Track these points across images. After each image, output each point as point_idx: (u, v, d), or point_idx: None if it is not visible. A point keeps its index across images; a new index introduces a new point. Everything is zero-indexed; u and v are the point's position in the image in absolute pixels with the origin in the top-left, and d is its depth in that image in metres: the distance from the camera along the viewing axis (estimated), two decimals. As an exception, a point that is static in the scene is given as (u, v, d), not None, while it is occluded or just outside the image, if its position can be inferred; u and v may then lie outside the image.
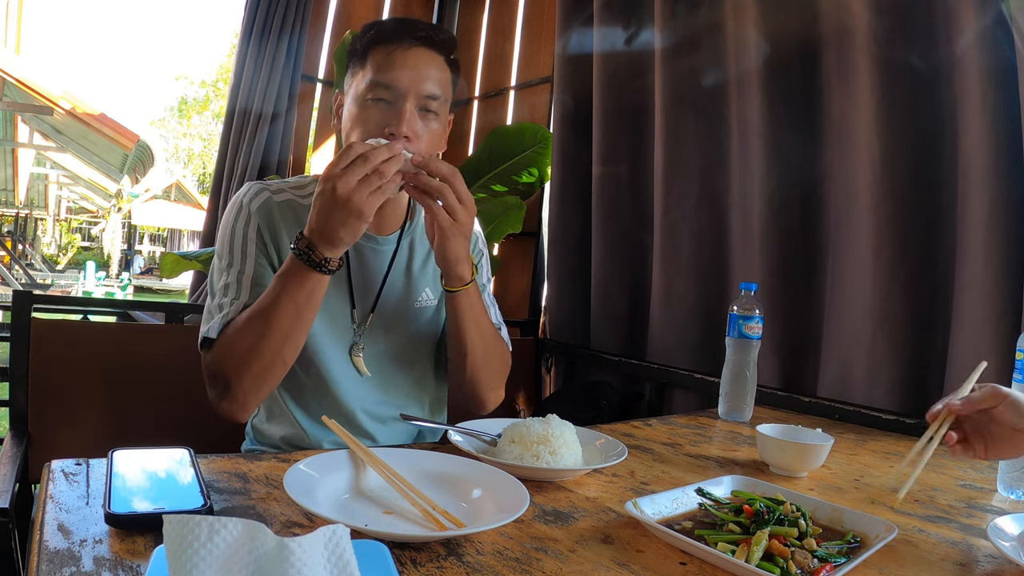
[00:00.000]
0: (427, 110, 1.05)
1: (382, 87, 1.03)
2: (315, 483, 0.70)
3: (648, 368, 1.96)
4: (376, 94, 1.04)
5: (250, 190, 1.12)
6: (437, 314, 1.22)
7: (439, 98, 1.06)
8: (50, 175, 16.29)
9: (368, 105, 1.04)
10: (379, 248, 1.16)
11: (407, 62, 1.04)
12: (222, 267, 1.08)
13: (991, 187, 1.29)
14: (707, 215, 1.85)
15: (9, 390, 1.39)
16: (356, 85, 1.07)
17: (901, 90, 1.44)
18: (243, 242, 1.08)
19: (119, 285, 14.36)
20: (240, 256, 1.07)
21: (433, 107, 1.06)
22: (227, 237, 1.09)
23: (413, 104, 1.04)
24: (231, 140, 2.77)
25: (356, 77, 1.08)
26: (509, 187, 2.61)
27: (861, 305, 1.50)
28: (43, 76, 7.10)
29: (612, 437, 0.99)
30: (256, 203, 1.10)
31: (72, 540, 0.56)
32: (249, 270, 1.06)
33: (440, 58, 1.08)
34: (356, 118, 1.05)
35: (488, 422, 1.01)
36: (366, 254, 1.15)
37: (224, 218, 1.12)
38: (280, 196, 1.12)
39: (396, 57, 1.04)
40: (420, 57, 1.05)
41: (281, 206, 1.11)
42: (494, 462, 0.82)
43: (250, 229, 1.08)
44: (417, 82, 1.03)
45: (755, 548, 0.63)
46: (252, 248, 1.07)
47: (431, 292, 1.21)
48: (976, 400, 0.81)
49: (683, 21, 1.89)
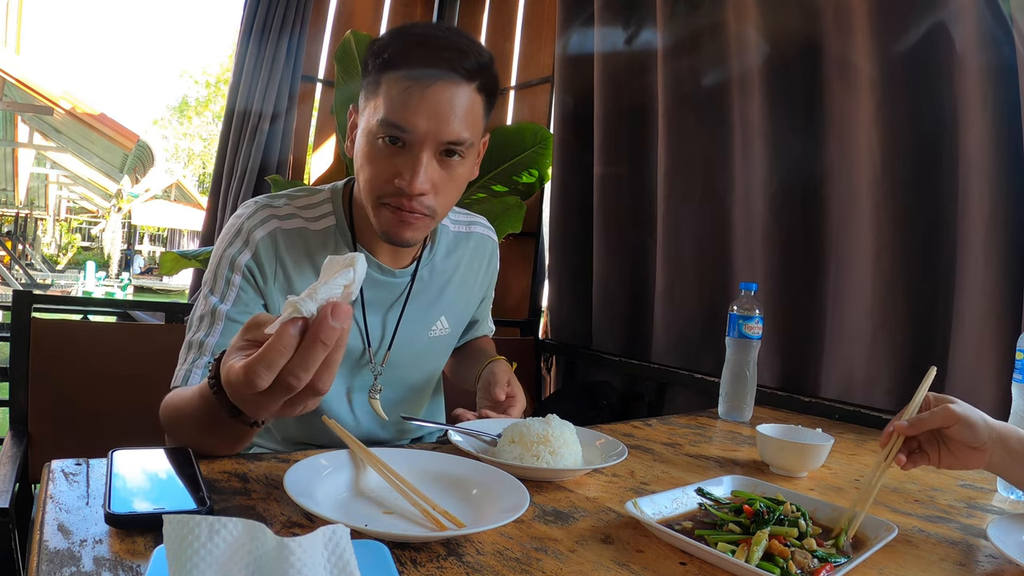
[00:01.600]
0: (450, 154, 0.92)
1: (396, 128, 0.89)
2: (315, 483, 0.70)
3: (648, 368, 1.96)
4: (390, 133, 0.89)
5: (255, 214, 1.00)
6: (450, 340, 1.18)
7: (465, 142, 0.91)
8: (50, 175, 16.29)
9: (380, 145, 0.91)
10: (395, 281, 1.07)
11: (425, 100, 0.88)
12: (205, 291, 0.99)
13: (991, 187, 1.29)
14: (709, 215, 1.85)
15: (9, 390, 1.39)
16: (368, 115, 0.93)
17: (902, 90, 1.44)
18: (229, 271, 0.97)
19: (119, 285, 14.37)
20: (224, 284, 0.97)
21: (458, 151, 0.92)
22: (217, 258, 0.99)
23: (432, 151, 0.90)
24: (231, 140, 2.77)
25: (369, 104, 0.93)
26: (509, 187, 2.62)
27: (862, 305, 1.50)
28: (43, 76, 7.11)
29: (612, 437, 0.99)
30: (259, 233, 0.98)
31: (72, 540, 0.56)
32: (228, 304, 0.96)
33: (469, 87, 0.91)
34: (367, 157, 0.93)
35: (488, 422, 1.01)
36: (381, 289, 1.06)
37: (223, 233, 1.02)
38: (289, 223, 1.01)
39: (414, 93, 0.88)
40: (443, 93, 0.88)
41: (289, 235, 1.00)
42: (494, 462, 0.82)
43: (241, 258, 0.98)
44: (438, 125, 0.88)
45: (755, 548, 0.63)
46: (237, 279, 0.97)
47: (447, 321, 1.14)
48: (926, 421, 0.80)
49: (684, 21, 1.89)
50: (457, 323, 1.18)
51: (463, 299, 1.18)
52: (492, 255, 1.24)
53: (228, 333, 0.95)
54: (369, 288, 1.05)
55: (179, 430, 0.84)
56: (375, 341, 1.07)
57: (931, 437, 0.83)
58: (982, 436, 0.78)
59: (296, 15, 2.72)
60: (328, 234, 1.04)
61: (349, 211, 1.06)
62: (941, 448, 0.81)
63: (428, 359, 1.16)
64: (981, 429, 0.78)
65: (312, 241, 1.02)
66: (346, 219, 1.05)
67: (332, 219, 1.05)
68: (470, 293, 1.20)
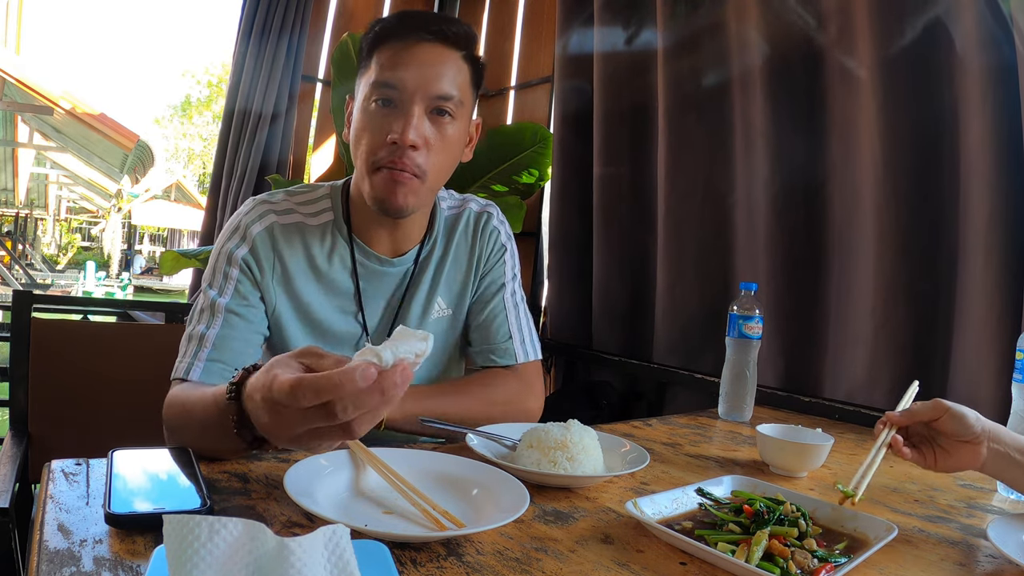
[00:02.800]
0: (440, 112, 0.95)
1: (387, 87, 0.93)
2: (315, 483, 0.70)
3: (648, 368, 1.96)
4: (381, 94, 0.94)
5: (252, 210, 1.03)
6: (453, 322, 1.16)
7: (453, 98, 0.95)
8: (50, 175, 16.31)
9: (373, 109, 0.95)
10: (392, 271, 1.08)
11: (414, 59, 0.93)
12: (204, 286, 1.02)
13: (992, 188, 1.29)
14: (710, 215, 1.85)
15: (9, 390, 1.39)
16: (362, 89, 0.98)
17: (902, 90, 1.44)
18: (227, 265, 1.00)
19: (119, 285, 14.38)
20: (222, 278, 1.00)
21: (447, 108, 0.96)
22: (216, 254, 1.02)
23: (422, 107, 0.94)
24: (230, 140, 2.77)
25: (362, 80, 0.99)
26: (509, 187, 2.62)
27: (863, 305, 1.50)
28: (43, 76, 7.12)
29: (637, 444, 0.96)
30: (256, 228, 1.01)
31: (72, 540, 0.56)
32: (226, 297, 0.98)
33: (455, 54, 0.97)
34: (360, 124, 0.97)
35: (510, 426, 0.98)
36: (380, 279, 1.08)
37: (223, 231, 1.05)
38: (286, 218, 1.03)
39: (402, 54, 0.93)
40: (430, 53, 0.94)
41: (287, 230, 1.03)
42: (507, 467, 0.81)
43: (238, 252, 1.00)
44: (426, 81, 0.93)
45: (755, 548, 0.63)
46: (235, 272, 0.99)
47: (443, 301, 1.14)
48: (916, 412, 0.80)
49: (684, 21, 1.89)
50: (455, 303, 1.15)
51: (457, 277, 1.16)
52: (486, 226, 1.17)
53: (227, 325, 0.97)
54: (367, 280, 1.07)
55: (183, 430, 0.84)
56: (374, 331, 1.08)
57: (925, 438, 0.83)
58: (974, 429, 0.78)
59: (296, 15, 2.72)
60: (326, 228, 1.06)
61: (347, 206, 1.07)
62: (936, 448, 0.81)
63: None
64: (972, 421, 0.78)
65: (310, 235, 1.04)
66: (343, 214, 1.07)
67: (330, 214, 1.07)
68: (464, 270, 1.16)
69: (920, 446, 0.83)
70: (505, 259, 1.18)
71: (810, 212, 1.64)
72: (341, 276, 1.06)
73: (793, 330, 1.66)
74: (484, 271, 1.17)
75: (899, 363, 1.45)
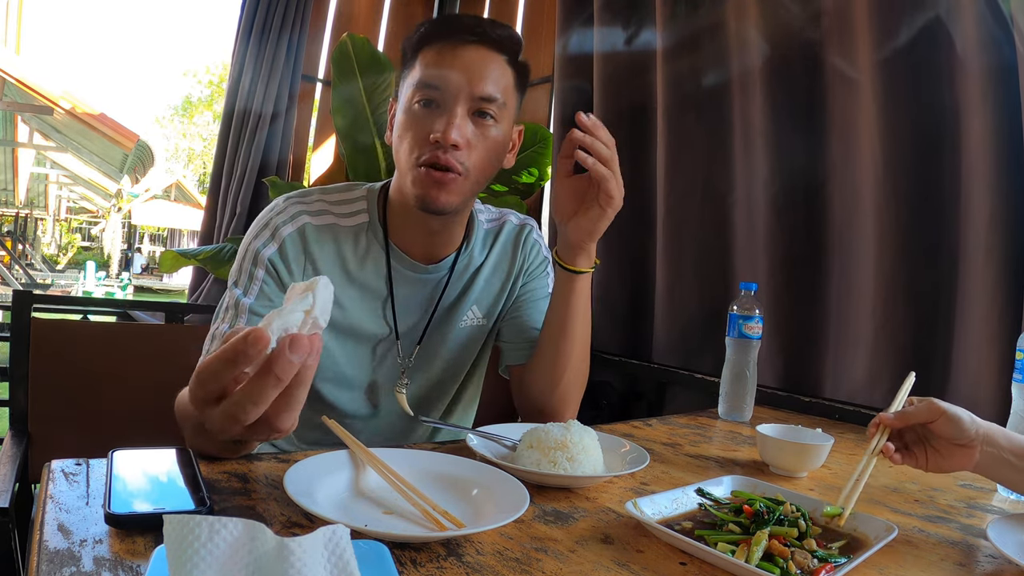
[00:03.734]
0: (483, 114, 0.95)
1: (430, 87, 0.93)
2: (315, 483, 0.70)
3: (648, 368, 1.96)
4: (424, 95, 0.94)
5: (286, 210, 1.02)
6: (484, 330, 1.17)
7: (496, 100, 0.95)
8: (50, 175, 16.31)
9: (416, 109, 0.95)
10: (428, 278, 1.08)
11: (458, 60, 0.93)
12: (231, 283, 1.01)
13: (992, 188, 1.29)
14: (709, 215, 1.85)
15: (9, 390, 1.39)
16: (405, 89, 0.98)
17: (902, 90, 1.44)
18: (252, 265, 0.99)
19: (119, 285, 14.38)
20: (247, 278, 0.99)
21: (490, 111, 0.95)
22: (243, 251, 1.01)
23: (465, 107, 0.93)
24: (230, 140, 2.77)
25: (406, 81, 0.98)
26: (509, 187, 2.62)
27: (863, 305, 1.50)
28: (43, 76, 7.12)
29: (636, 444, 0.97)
30: (288, 229, 1.00)
31: (72, 540, 0.56)
32: (251, 297, 0.98)
33: (500, 57, 0.96)
34: (403, 124, 0.97)
35: (510, 426, 0.99)
36: (413, 285, 1.07)
37: (252, 227, 1.04)
38: (319, 219, 1.02)
39: (446, 55, 0.93)
40: (474, 55, 0.94)
41: (319, 231, 1.01)
42: (507, 467, 0.81)
43: (266, 251, 0.99)
44: (469, 82, 0.93)
45: (755, 548, 0.63)
46: (260, 273, 0.99)
47: (479, 310, 1.14)
48: (911, 414, 0.79)
49: (684, 21, 1.89)
50: (488, 313, 1.16)
51: (494, 288, 1.17)
52: (527, 239, 1.19)
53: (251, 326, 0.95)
54: (400, 284, 1.06)
55: (184, 429, 0.85)
56: (404, 335, 1.08)
57: (918, 439, 0.82)
58: (968, 432, 0.77)
59: (296, 15, 2.73)
60: (360, 230, 1.05)
61: (384, 209, 1.06)
62: (928, 450, 0.81)
63: (458, 350, 1.14)
64: (967, 424, 0.77)
65: (343, 236, 1.03)
66: (380, 217, 1.06)
67: (365, 216, 1.06)
68: (503, 279, 1.18)
69: (913, 447, 0.82)
70: (548, 271, 1.21)
71: (810, 212, 1.64)
72: (374, 280, 1.05)
73: (793, 330, 1.66)
74: (525, 280, 1.20)
75: (899, 363, 1.45)
